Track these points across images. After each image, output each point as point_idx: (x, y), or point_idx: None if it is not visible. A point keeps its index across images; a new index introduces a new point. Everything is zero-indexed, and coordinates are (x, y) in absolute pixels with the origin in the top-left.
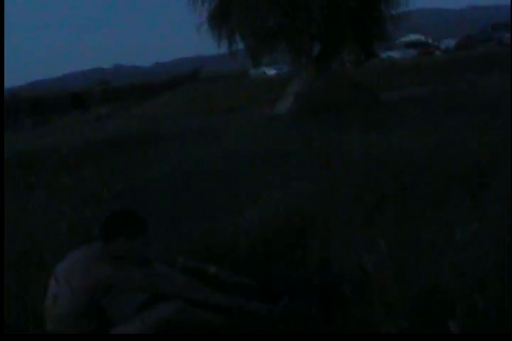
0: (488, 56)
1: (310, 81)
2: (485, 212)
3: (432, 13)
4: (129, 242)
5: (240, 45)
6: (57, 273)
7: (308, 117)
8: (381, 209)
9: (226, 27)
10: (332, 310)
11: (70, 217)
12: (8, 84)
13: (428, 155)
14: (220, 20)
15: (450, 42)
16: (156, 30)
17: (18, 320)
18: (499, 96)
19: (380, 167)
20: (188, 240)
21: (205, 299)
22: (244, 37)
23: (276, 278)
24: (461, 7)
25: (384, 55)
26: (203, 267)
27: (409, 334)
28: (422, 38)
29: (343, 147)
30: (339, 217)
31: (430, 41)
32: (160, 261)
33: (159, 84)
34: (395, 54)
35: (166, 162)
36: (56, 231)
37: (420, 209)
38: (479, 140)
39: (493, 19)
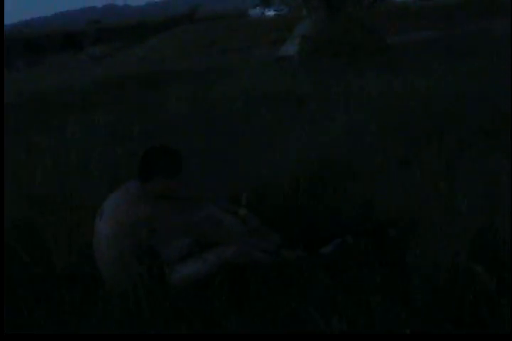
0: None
1: (320, 23)
2: None
3: None
4: (167, 181)
5: None
6: (102, 213)
7: (318, 59)
8: (415, 151)
9: None
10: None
11: (101, 156)
12: None
13: (452, 100)
14: None
15: None
16: None
17: (67, 262)
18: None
19: (406, 109)
20: (225, 181)
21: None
22: None
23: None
24: None
25: None
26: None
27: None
28: None
29: (363, 90)
30: (374, 160)
31: None
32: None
33: (154, 24)
34: None
35: (182, 102)
36: (89, 171)
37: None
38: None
39: None
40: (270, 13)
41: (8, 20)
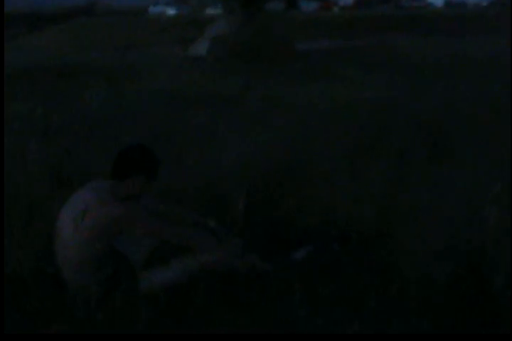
0: (388, 17)
1: (235, 26)
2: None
3: None
4: (147, 181)
5: None
6: (63, 217)
7: (232, 62)
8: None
9: None
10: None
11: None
12: None
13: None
14: None
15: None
16: None
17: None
18: (409, 54)
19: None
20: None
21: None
22: None
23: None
24: None
25: None
26: (203, 220)
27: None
28: None
29: (288, 97)
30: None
31: None
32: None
33: (49, 14)
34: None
35: (92, 98)
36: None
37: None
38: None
39: None
40: (172, 11)
41: None
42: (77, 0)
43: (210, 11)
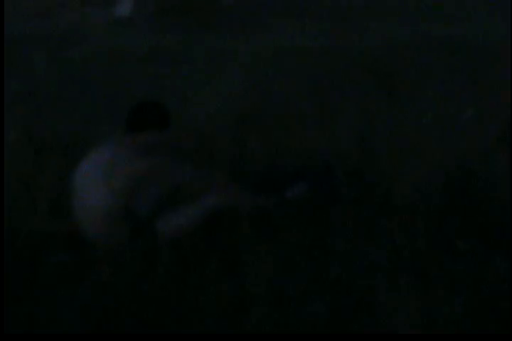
0: None
1: None
2: None
3: None
4: (161, 134)
5: None
6: (84, 176)
7: (161, 18)
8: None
9: None
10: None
11: None
12: None
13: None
14: None
15: None
16: None
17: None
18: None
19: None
20: None
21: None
22: None
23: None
24: None
25: None
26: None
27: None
28: None
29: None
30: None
31: None
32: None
33: None
34: None
35: (39, 67)
36: None
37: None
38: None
39: None
40: None
41: None
42: None
43: None
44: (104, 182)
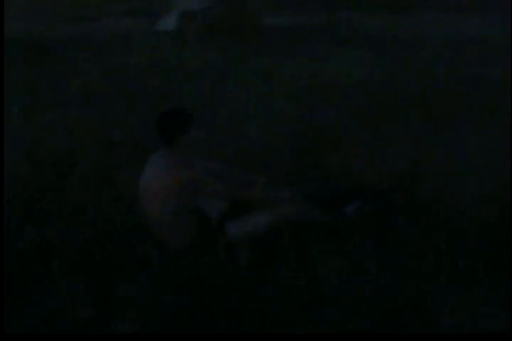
0: None
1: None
2: None
3: None
4: (186, 136)
5: None
6: (145, 179)
7: (203, 37)
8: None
9: None
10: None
11: None
12: None
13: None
14: None
15: None
16: None
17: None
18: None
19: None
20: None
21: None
22: None
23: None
24: None
25: None
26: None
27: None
28: None
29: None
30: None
31: None
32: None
33: None
34: None
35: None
36: None
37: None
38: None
39: None
40: None
41: None
42: None
43: None
44: (155, 190)
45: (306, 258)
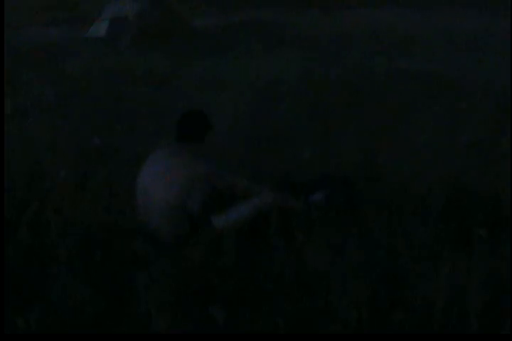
0: None
1: (141, 7)
2: None
3: None
4: (204, 141)
5: None
6: (147, 178)
7: (135, 42)
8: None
9: None
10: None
11: None
12: None
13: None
14: None
15: None
16: None
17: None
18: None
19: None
20: None
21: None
22: None
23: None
24: None
25: None
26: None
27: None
28: None
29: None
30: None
31: None
32: None
33: None
34: None
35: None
36: None
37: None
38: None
39: None
40: None
41: None
42: None
43: None
44: (166, 184)
45: (294, 244)
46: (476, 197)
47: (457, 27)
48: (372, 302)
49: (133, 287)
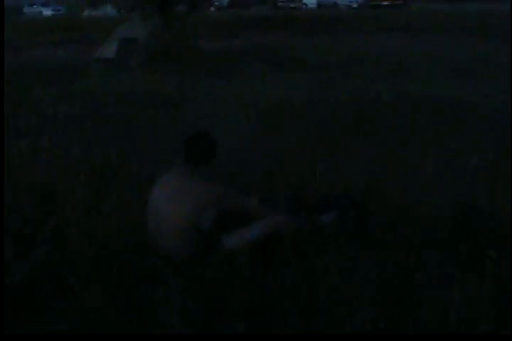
0: (266, 17)
1: (151, 28)
2: None
3: None
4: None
5: None
6: (158, 198)
7: (149, 63)
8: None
9: None
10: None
11: None
12: None
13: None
14: None
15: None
16: None
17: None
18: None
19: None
20: None
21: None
22: None
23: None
24: None
25: None
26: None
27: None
28: None
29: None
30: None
31: None
32: None
33: None
34: None
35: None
36: None
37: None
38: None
39: None
40: (48, 12)
41: None
42: None
43: (86, 13)
44: (177, 205)
45: (306, 262)
46: (485, 218)
47: (459, 53)
48: (383, 320)
49: (151, 300)
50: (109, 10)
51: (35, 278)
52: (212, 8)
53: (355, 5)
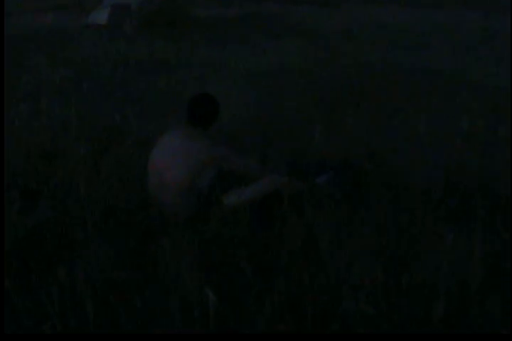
0: None
1: None
2: None
3: None
4: (213, 124)
5: None
6: (160, 157)
7: (141, 29)
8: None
9: None
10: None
11: None
12: None
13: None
14: None
15: None
16: None
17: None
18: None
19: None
20: None
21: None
22: None
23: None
24: None
25: None
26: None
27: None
28: None
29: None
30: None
31: None
32: None
33: None
34: None
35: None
36: None
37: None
38: None
39: None
40: None
41: None
42: None
43: None
44: (179, 164)
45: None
46: (476, 181)
47: (457, 26)
48: (380, 273)
49: (158, 250)
50: None
51: (41, 232)
52: None
53: None
